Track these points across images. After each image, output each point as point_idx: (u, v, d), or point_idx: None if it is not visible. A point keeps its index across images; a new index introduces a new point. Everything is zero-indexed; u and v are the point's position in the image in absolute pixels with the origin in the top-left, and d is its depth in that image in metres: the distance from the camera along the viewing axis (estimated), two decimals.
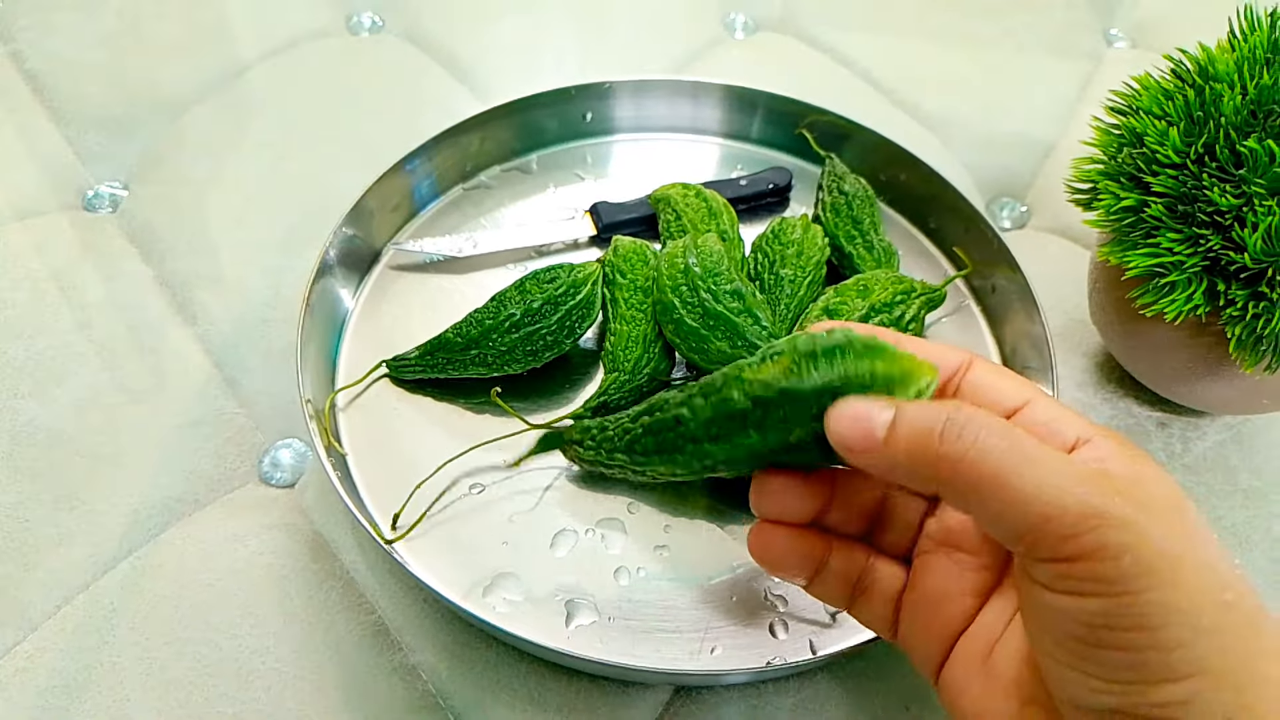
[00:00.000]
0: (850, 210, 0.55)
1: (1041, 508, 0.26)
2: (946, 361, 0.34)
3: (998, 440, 0.27)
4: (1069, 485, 0.26)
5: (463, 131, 0.58)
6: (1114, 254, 0.44)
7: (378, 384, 0.50)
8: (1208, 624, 0.25)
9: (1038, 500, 0.26)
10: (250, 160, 0.62)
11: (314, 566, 0.45)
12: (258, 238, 0.58)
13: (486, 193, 0.60)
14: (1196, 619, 0.25)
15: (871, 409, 0.29)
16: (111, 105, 0.65)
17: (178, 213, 0.59)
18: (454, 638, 0.43)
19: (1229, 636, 0.25)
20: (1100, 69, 0.74)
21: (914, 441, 0.28)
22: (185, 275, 0.56)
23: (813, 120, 0.61)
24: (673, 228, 0.54)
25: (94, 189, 0.61)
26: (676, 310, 0.46)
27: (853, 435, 0.29)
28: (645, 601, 0.43)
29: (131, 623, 0.43)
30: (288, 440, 0.50)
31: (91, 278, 0.55)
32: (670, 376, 0.50)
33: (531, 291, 0.49)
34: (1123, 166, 0.44)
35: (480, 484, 0.46)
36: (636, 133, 0.63)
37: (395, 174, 0.55)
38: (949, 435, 0.28)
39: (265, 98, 0.67)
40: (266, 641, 0.42)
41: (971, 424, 0.28)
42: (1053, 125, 0.69)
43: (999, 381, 0.33)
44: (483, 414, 0.49)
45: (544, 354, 0.49)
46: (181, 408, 0.50)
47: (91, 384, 0.51)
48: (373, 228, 0.55)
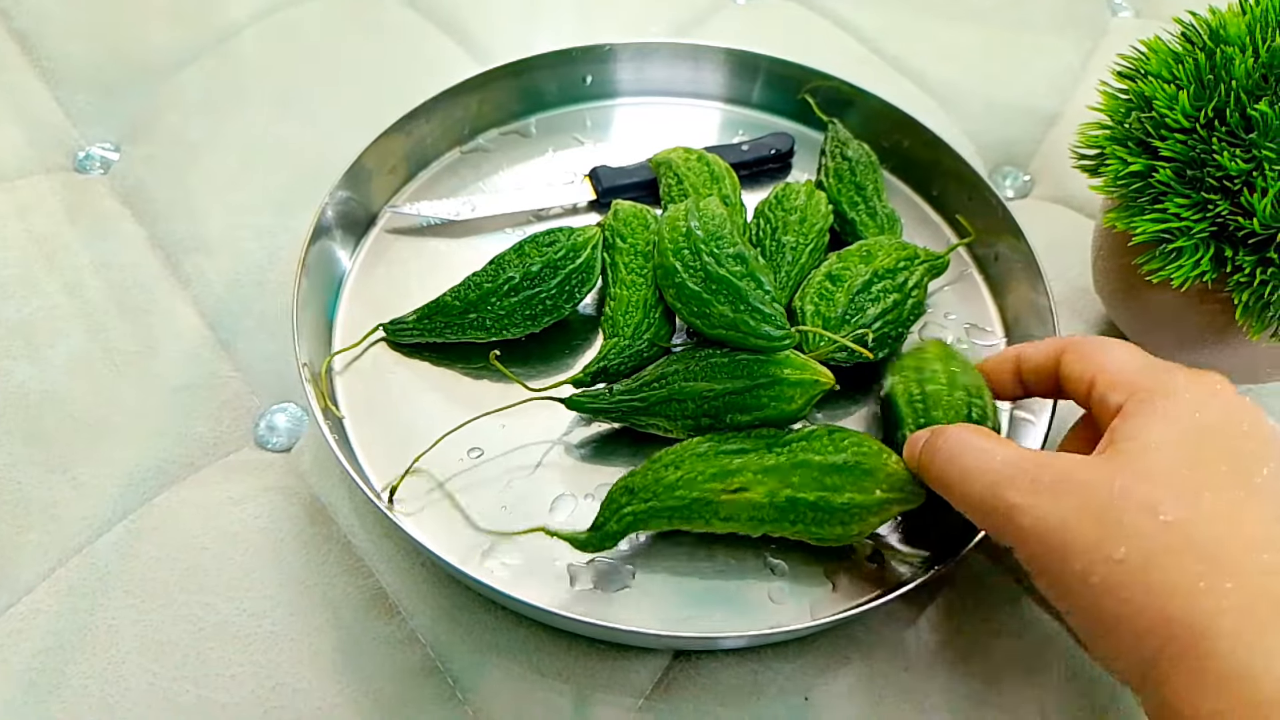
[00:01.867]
0: (853, 176, 0.54)
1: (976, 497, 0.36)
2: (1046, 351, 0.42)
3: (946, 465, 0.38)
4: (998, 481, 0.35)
5: (461, 93, 0.58)
6: (1120, 220, 0.43)
7: (374, 348, 0.49)
8: (1096, 583, 0.31)
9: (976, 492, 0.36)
10: (244, 122, 0.62)
11: (311, 530, 0.45)
12: (252, 200, 0.57)
13: (485, 156, 0.59)
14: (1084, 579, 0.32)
15: (914, 439, 0.41)
16: (103, 65, 0.64)
17: (171, 174, 0.58)
18: (452, 602, 0.43)
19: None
20: (1105, 39, 0.73)
21: (910, 456, 0.41)
22: (179, 237, 0.55)
23: (815, 86, 0.60)
24: (674, 192, 0.54)
25: (85, 150, 0.60)
26: (678, 274, 0.45)
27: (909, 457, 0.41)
28: (644, 567, 0.43)
29: (126, 586, 0.42)
30: (283, 404, 0.49)
31: (83, 240, 0.55)
32: (670, 342, 0.49)
33: (530, 255, 0.48)
34: (1130, 131, 0.44)
35: (479, 448, 0.46)
36: (637, 96, 0.63)
37: (392, 135, 0.54)
38: (926, 452, 0.39)
39: (259, 58, 0.66)
40: (263, 605, 0.42)
41: (939, 443, 0.38)
42: (1056, 95, 0.69)
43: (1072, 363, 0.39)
44: (480, 379, 0.49)
45: (543, 318, 0.48)
46: (176, 371, 0.50)
47: (84, 347, 0.50)
48: (370, 190, 0.54)
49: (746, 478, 0.41)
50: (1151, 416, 0.34)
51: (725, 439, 0.43)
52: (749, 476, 0.41)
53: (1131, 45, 0.46)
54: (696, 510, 0.41)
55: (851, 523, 0.41)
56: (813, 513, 0.41)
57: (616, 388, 0.45)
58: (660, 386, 0.45)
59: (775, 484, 0.41)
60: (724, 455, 0.42)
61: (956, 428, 0.38)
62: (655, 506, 0.41)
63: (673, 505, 0.41)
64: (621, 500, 0.42)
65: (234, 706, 0.40)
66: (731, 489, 0.41)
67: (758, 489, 0.41)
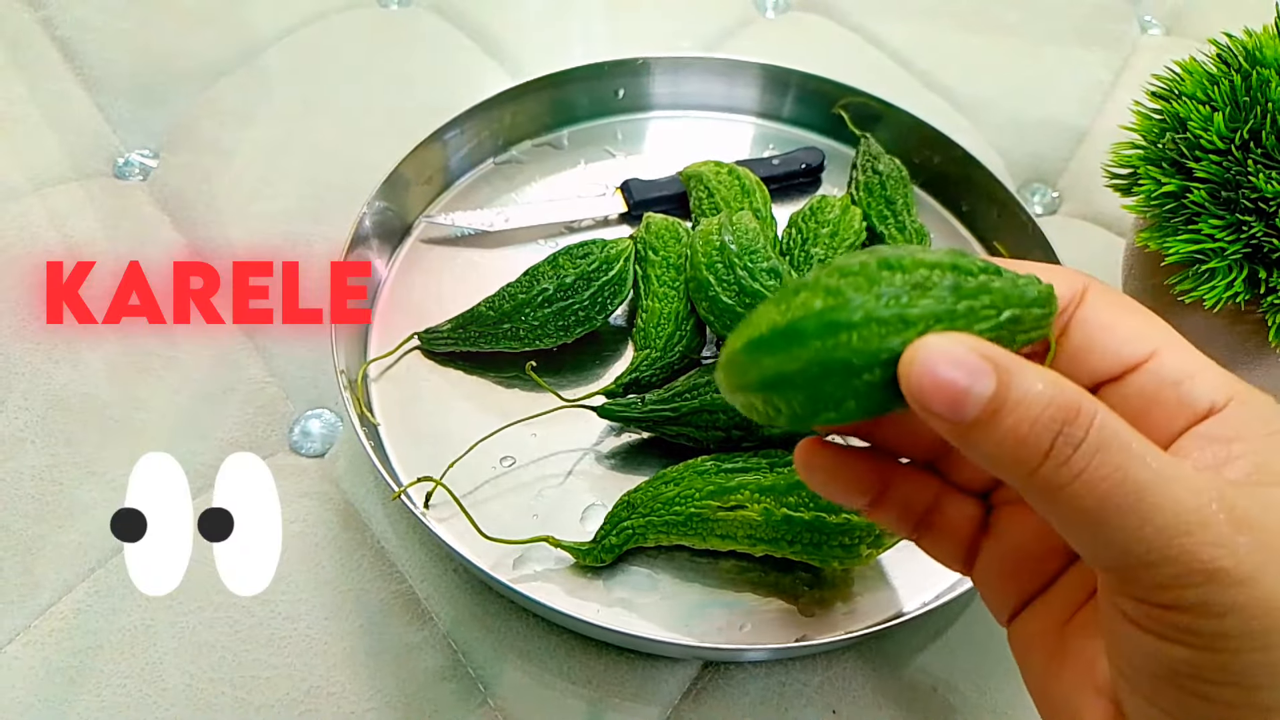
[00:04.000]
0: (884, 190, 0.55)
1: (1141, 552, 0.21)
2: (1056, 289, 0.26)
3: (1111, 470, 0.22)
4: (1177, 529, 0.21)
5: (495, 105, 0.58)
6: (1153, 240, 0.44)
7: (409, 356, 0.50)
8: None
9: (1137, 541, 0.21)
10: (279, 131, 0.62)
11: (344, 535, 0.45)
12: (286, 208, 0.58)
13: (518, 167, 0.60)
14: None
15: (973, 366, 0.22)
16: (141, 73, 0.65)
17: (208, 181, 0.59)
18: (483, 608, 0.43)
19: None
20: (1134, 56, 0.74)
21: (1012, 439, 0.22)
22: (216, 243, 0.56)
23: (847, 101, 0.61)
24: (704, 205, 0.54)
25: (125, 156, 0.61)
26: (712, 287, 0.46)
27: (936, 396, 0.22)
28: (674, 577, 0.44)
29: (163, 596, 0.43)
30: (317, 410, 0.50)
31: (123, 245, 0.55)
32: (701, 354, 0.50)
33: (565, 266, 0.49)
34: (1164, 152, 0.44)
35: (511, 457, 0.47)
36: (668, 110, 0.63)
37: (429, 146, 0.55)
38: (1059, 452, 0.22)
39: (294, 69, 0.67)
40: (298, 608, 0.43)
41: (1093, 443, 0.22)
42: (1085, 111, 0.69)
43: (1120, 320, 0.26)
44: (512, 388, 0.49)
45: (575, 329, 0.49)
46: (213, 375, 0.50)
47: (125, 350, 0.51)
48: (406, 199, 0.55)
49: (744, 496, 0.41)
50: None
51: (730, 458, 0.43)
52: (746, 495, 0.41)
53: (1166, 66, 0.46)
54: (693, 526, 0.42)
55: (854, 545, 0.41)
56: (809, 533, 0.41)
57: (649, 397, 0.46)
58: (692, 397, 0.45)
59: (771, 503, 0.41)
60: (724, 473, 0.42)
61: (1114, 419, 0.22)
62: (653, 521, 0.42)
63: (669, 520, 0.42)
64: (622, 514, 0.43)
65: (268, 709, 0.40)
66: (728, 506, 0.41)
67: (754, 507, 0.41)
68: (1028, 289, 0.24)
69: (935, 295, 0.23)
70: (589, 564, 0.43)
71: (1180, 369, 0.25)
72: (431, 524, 0.42)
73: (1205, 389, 0.25)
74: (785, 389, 0.23)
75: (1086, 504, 0.22)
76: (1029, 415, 0.22)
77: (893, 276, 0.23)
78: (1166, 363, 0.25)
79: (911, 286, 0.23)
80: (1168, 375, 0.25)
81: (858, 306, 0.23)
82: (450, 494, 0.43)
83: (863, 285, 0.23)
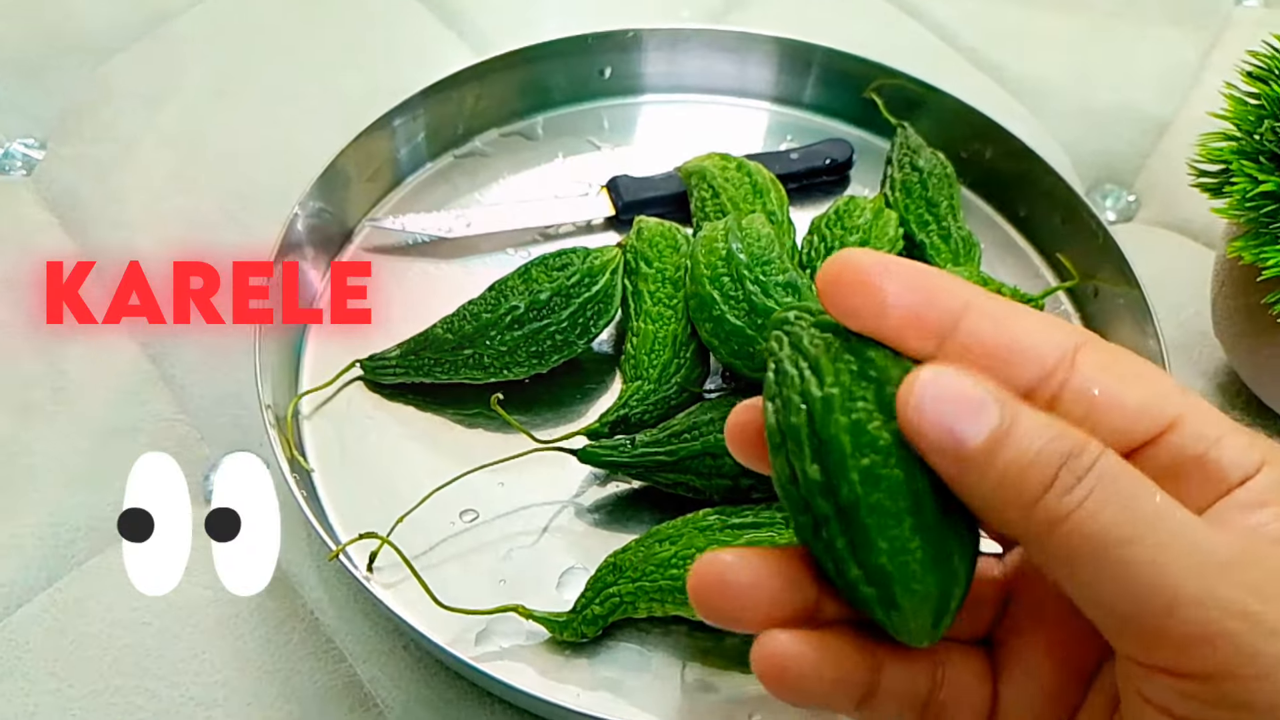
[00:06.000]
0: (924, 190, 0.56)
1: (1157, 594, 0.23)
2: (1035, 352, 0.27)
3: (1117, 495, 0.24)
4: (1192, 565, 0.23)
5: (454, 86, 0.60)
6: (1248, 250, 0.45)
7: (350, 388, 0.52)
8: None
9: (1151, 577, 0.23)
10: (191, 116, 0.64)
11: (271, 605, 0.46)
12: (201, 209, 0.59)
13: (482, 161, 0.62)
14: None
15: (976, 399, 0.25)
16: (24, 48, 0.66)
17: (105, 176, 0.61)
18: (440, 693, 0.44)
19: None
20: (1227, 32, 0.75)
21: (1015, 469, 0.24)
22: (114, 251, 0.57)
23: (880, 83, 0.62)
24: (708, 207, 0.56)
25: (4, 147, 0.62)
26: (716, 305, 0.47)
27: (935, 429, 0.25)
28: (670, 654, 0.45)
29: (51, 667, 0.44)
30: (239, 453, 0.51)
31: (2, 252, 0.57)
32: (703, 386, 0.51)
33: (539, 280, 0.50)
34: (1262, 144, 0.45)
35: (473, 510, 0.48)
36: (665, 93, 0.65)
37: (373, 136, 0.57)
38: (1063, 481, 0.24)
39: (210, 40, 0.68)
40: (215, 693, 0.44)
41: (1099, 472, 0.24)
42: (1168, 98, 0.71)
43: (1125, 390, 0.27)
44: (475, 427, 0.51)
45: (551, 356, 0.50)
46: (110, 412, 0.52)
47: (3, 381, 0.52)
48: (345, 200, 0.57)
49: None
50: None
51: (738, 511, 0.45)
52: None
53: (1264, 41, 0.48)
54: None
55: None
56: None
57: (639, 438, 0.47)
58: (692, 438, 0.46)
59: None
60: (730, 530, 0.44)
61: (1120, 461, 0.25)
62: (644, 587, 0.43)
63: (664, 586, 0.43)
64: (608, 579, 0.44)
65: None
66: None
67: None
68: None
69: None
70: (568, 639, 0.44)
71: (1202, 436, 0.26)
72: (376, 590, 0.43)
73: (1232, 455, 0.26)
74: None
75: (1092, 531, 0.23)
76: (1033, 446, 0.24)
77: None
78: (1187, 431, 0.26)
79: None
80: (1190, 447, 0.26)
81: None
82: (399, 554, 0.44)
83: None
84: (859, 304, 0.27)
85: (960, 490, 0.25)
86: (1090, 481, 0.24)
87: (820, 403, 0.26)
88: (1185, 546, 0.23)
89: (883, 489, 0.25)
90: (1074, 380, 0.26)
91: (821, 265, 0.27)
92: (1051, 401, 0.26)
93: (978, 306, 0.27)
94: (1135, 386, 0.27)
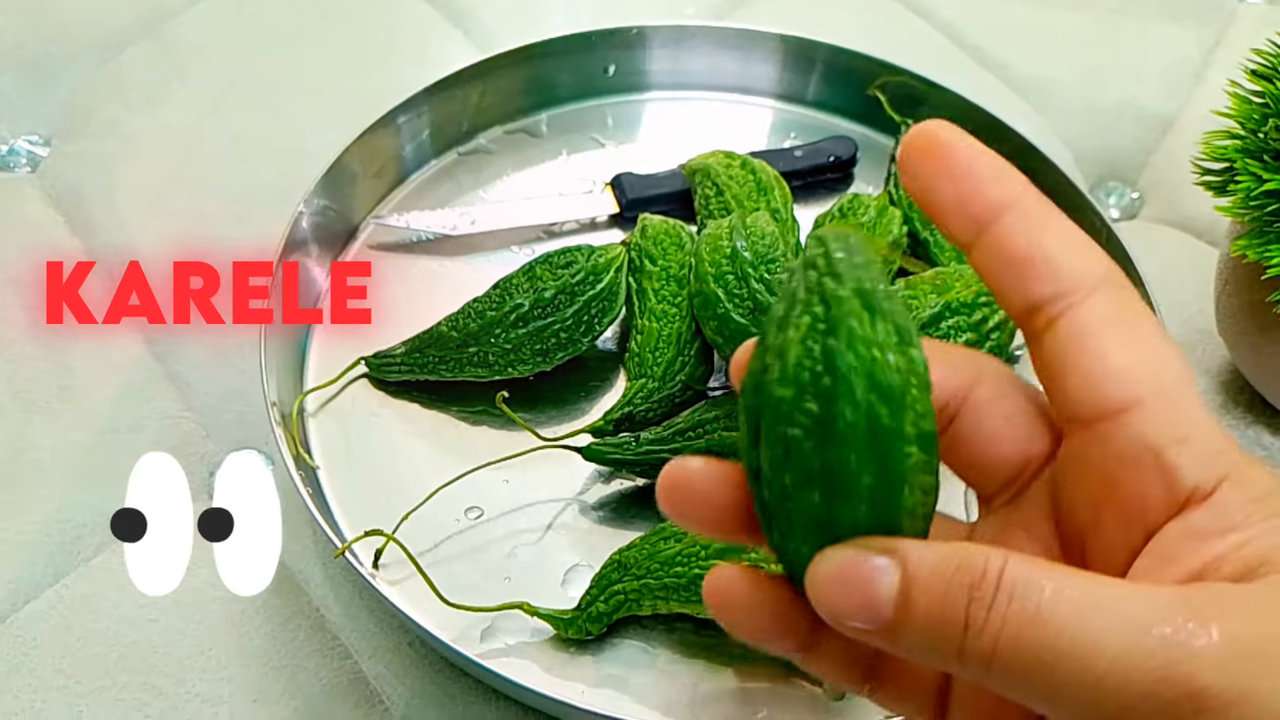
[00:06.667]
0: None
1: (1107, 698, 0.22)
2: (1054, 275, 0.26)
3: (1031, 616, 0.23)
4: (1133, 655, 0.22)
5: (458, 84, 0.60)
6: (1252, 248, 0.45)
7: (355, 385, 0.52)
8: None
9: (1096, 686, 0.22)
10: (196, 113, 0.64)
11: (277, 601, 0.47)
12: (206, 206, 0.60)
13: (486, 159, 0.62)
14: None
15: (866, 565, 0.24)
16: (30, 44, 0.67)
17: (110, 174, 0.61)
18: (445, 689, 0.45)
19: None
20: (1230, 29, 0.75)
21: (932, 620, 0.23)
22: (119, 248, 0.57)
23: (884, 81, 0.63)
24: (712, 205, 0.56)
25: (9, 144, 0.62)
26: (720, 304, 0.47)
27: (849, 607, 0.24)
28: (675, 651, 0.45)
29: (58, 664, 0.44)
30: (243, 450, 0.51)
31: (7, 248, 0.57)
32: (707, 385, 0.51)
33: (543, 278, 0.50)
34: (1267, 142, 0.45)
35: (478, 508, 0.48)
36: (669, 90, 0.65)
37: (378, 133, 0.57)
38: (975, 618, 0.23)
39: (215, 38, 0.68)
40: (221, 689, 0.44)
41: (1005, 594, 0.23)
42: (1172, 95, 0.71)
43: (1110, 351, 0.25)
44: (479, 424, 0.51)
45: (555, 354, 0.50)
46: (115, 410, 0.52)
47: (9, 378, 0.52)
48: (350, 197, 0.57)
49: (760, 554, 0.42)
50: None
51: None
52: (763, 553, 0.42)
53: (1268, 39, 0.48)
54: (698, 591, 0.43)
55: None
56: None
57: (644, 436, 0.47)
58: (696, 436, 0.47)
59: None
60: None
61: (1024, 565, 0.23)
62: (649, 584, 0.43)
63: (669, 584, 0.43)
64: (613, 576, 0.44)
65: None
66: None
67: (773, 568, 0.41)
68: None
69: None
70: (572, 636, 0.44)
71: (1166, 430, 0.25)
72: (382, 588, 0.43)
73: (1191, 463, 0.24)
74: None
75: (1019, 664, 0.23)
76: (939, 590, 0.23)
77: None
78: (1150, 418, 0.25)
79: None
80: (1150, 437, 0.25)
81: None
82: (405, 551, 0.44)
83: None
84: (926, 171, 0.26)
85: (899, 652, 0.25)
86: (1000, 606, 0.23)
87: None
88: (1127, 634, 0.22)
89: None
90: (1073, 320, 0.25)
91: (911, 130, 0.27)
92: (1046, 326, 0.26)
93: (1022, 208, 0.26)
94: (1124, 351, 0.25)
